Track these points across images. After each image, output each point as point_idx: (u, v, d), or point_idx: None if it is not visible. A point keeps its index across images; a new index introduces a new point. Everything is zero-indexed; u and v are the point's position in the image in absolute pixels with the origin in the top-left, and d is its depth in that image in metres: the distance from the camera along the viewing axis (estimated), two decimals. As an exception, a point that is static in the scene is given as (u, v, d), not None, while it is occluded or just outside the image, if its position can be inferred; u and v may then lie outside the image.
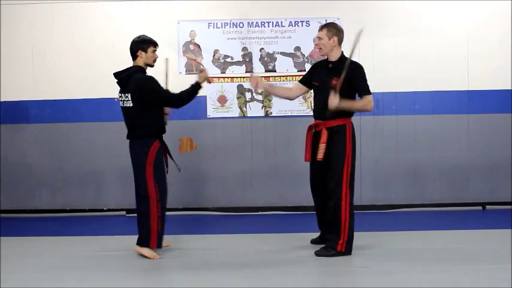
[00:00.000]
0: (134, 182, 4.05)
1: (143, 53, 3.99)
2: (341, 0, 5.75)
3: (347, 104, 3.82)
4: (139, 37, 4.04)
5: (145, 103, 3.92)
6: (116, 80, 4.04)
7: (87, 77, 5.78)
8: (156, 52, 4.07)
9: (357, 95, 3.95)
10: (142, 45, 4.00)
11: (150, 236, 3.92)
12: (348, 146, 3.87)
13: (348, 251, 3.85)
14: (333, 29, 3.96)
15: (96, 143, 5.81)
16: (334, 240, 3.86)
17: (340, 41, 3.98)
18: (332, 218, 3.87)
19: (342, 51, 4.01)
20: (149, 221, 3.90)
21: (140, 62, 4.02)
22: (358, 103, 3.86)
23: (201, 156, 5.78)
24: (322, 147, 3.86)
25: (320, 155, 3.87)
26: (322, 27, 3.98)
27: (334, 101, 3.77)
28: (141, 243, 3.96)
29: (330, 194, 3.89)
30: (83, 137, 5.84)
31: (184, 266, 3.75)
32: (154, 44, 4.04)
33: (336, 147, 3.88)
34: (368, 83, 3.91)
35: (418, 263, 3.65)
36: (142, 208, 3.94)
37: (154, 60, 4.07)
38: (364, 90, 3.87)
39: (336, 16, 5.68)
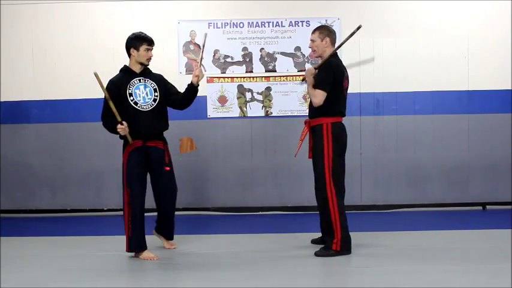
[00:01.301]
0: None
1: (135, 51, 3.88)
2: (341, 0, 5.75)
3: (309, 82, 3.88)
4: (133, 34, 3.94)
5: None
6: None
7: (87, 77, 5.72)
8: (153, 51, 3.95)
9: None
10: (134, 42, 3.88)
11: (126, 239, 3.91)
12: (325, 145, 3.85)
13: (344, 249, 3.84)
14: (325, 31, 4.01)
15: (96, 143, 5.81)
16: (329, 240, 3.88)
17: (332, 42, 4.01)
18: (325, 218, 3.91)
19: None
20: (124, 224, 3.91)
21: (132, 60, 3.93)
22: (311, 89, 3.88)
23: (201, 156, 5.78)
24: (299, 144, 4.03)
25: (295, 152, 4.05)
26: (314, 30, 4.04)
27: (309, 68, 3.95)
28: None
29: (316, 195, 3.94)
30: (83, 137, 5.84)
31: (183, 266, 3.74)
32: (149, 42, 3.91)
33: (315, 147, 3.93)
34: (328, 83, 3.82)
35: (418, 263, 3.65)
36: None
37: (148, 59, 3.93)
38: (318, 83, 3.83)
39: (336, 16, 5.69)
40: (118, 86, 3.89)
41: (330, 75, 3.85)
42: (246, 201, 5.86)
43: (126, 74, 3.94)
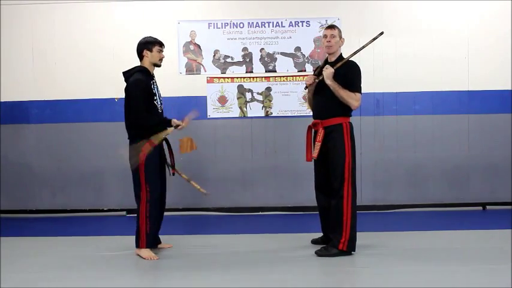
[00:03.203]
0: None
1: (149, 53, 4.00)
2: (341, 0, 5.75)
3: (336, 85, 3.85)
4: (144, 38, 4.07)
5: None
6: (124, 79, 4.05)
7: (87, 77, 5.78)
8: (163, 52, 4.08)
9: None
10: (147, 45, 4.01)
11: (139, 236, 3.93)
12: (346, 144, 3.89)
13: (349, 250, 3.86)
14: (341, 31, 4.07)
15: (96, 143, 5.81)
16: (336, 239, 3.87)
17: None
18: (334, 216, 3.89)
19: (341, 53, 4.09)
20: (138, 221, 3.92)
21: (146, 62, 4.02)
22: (346, 92, 3.86)
23: (201, 156, 5.78)
24: (317, 146, 3.94)
25: (315, 153, 3.94)
26: (333, 27, 4.04)
27: (329, 70, 3.86)
28: (135, 243, 3.98)
29: (334, 193, 3.91)
30: (83, 137, 5.84)
31: (184, 266, 3.75)
32: (160, 44, 4.06)
33: (334, 147, 3.91)
34: (361, 85, 3.95)
35: (419, 263, 3.65)
36: (136, 208, 3.97)
37: (161, 60, 4.07)
38: (355, 86, 3.91)
39: (336, 16, 5.69)
40: (149, 85, 3.96)
41: (361, 77, 3.95)
42: (246, 201, 5.86)
43: (145, 75, 3.99)
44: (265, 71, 5.81)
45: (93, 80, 5.75)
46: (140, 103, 3.87)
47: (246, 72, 5.81)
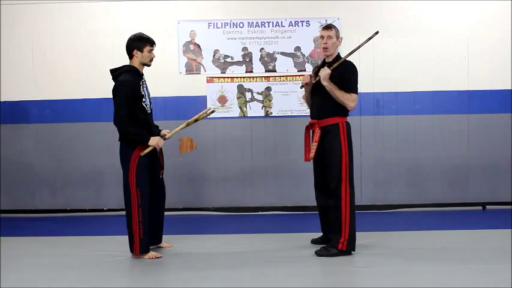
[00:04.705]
0: None
1: (139, 53, 3.89)
2: (341, 0, 5.75)
3: (333, 86, 3.84)
4: (135, 35, 3.93)
5: None
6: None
7: (87, 77, 5.78)
8: (154, 51, 3.97)
9: None
10: (138, 44, 3.89)
11: (133, 241, 3.87)
12: (343, 144, 3.89)
13: (349, 249, 3.86)
14: (338, 30, 4.04)
15: (96, 143, 5.81)
16: (335, 239, 3.86)
17: None
18: (333, 216, 3.89)
19: (339, 52, 4.08)
20: (131, 226, 3.86)
21: (136, 61, 3.93)
22: (342, 93, 3.85)
23: (201, 156, 5.78)
24: (313, 146, 3.94)
25: (311, 153, 3.94)
26: (331, 27, 4.01)
27: (325, 71, 3.84)
28: (129, 248, 3.93)
29: (332, 194, 3.91)
30: (83, 137, 5.84)
31: (184, 266, 3.75)
32: (151, 43, 3.94)
33: (331, 147, 3.91)
34: (358, 85, 3.95)
35: (418, 262, 3.65)
36: (126, 212, 3.90)
37: (151, 60, 3.97)
38: (352, 87, 3.90)
39: (336, 16, 5.69)
40: (137, 86, 3.89)
41: (357, 77, 3.95)
42: (245, 201, 5.86)
43: (133, 75, 3.92)
44: (265, 71, 5.81)
45: (93, 79, 5.75)
46: (123, 107, 3.80)
47: (246, 72, 5.81)
